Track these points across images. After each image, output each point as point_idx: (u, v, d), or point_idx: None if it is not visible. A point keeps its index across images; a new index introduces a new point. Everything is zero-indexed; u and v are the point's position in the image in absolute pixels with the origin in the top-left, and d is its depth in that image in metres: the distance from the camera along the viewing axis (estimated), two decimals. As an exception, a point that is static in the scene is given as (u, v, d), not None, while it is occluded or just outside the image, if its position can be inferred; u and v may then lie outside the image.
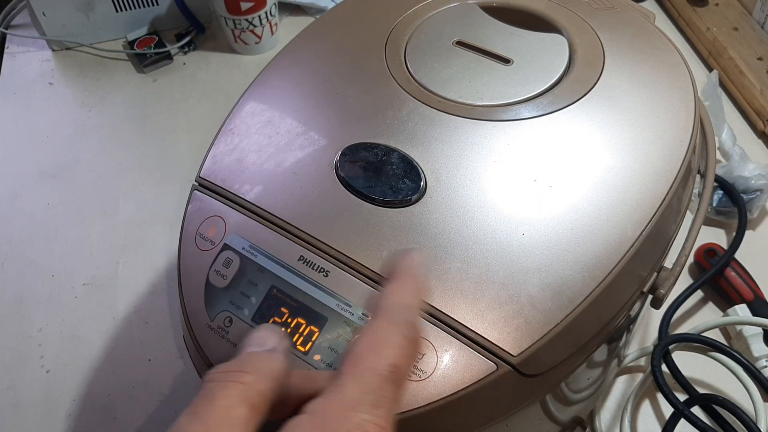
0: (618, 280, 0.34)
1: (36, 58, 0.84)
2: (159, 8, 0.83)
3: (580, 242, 0.34)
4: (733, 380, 0.50)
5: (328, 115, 0.41)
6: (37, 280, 0.61)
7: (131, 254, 0.63)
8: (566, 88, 0.41)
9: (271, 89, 0.44)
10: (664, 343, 0.47)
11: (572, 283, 0.33)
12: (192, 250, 0.38)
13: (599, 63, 0.43)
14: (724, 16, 0.81)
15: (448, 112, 0.40)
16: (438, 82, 0.42)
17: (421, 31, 0.46)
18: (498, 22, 0.46)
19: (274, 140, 0.40)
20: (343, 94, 0.42)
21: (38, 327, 0.58)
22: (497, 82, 0.42)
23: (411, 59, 0.44)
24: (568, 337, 0.33)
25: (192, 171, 0.41)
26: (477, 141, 0.39)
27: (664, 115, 0.39)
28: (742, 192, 0.61)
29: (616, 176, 0.37)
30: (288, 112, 0.42)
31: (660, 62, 0.43)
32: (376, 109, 0.41)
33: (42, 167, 0.71)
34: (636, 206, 0.35)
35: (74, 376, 0.54)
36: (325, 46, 0.46)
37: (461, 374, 0.31)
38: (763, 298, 0.56)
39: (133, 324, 0.57)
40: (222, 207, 0.39)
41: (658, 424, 0.50)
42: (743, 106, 0.74)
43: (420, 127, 0.39)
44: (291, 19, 0.87)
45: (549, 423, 0.42)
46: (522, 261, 0.34)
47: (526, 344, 0.32)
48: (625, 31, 0.45)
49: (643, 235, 0.34)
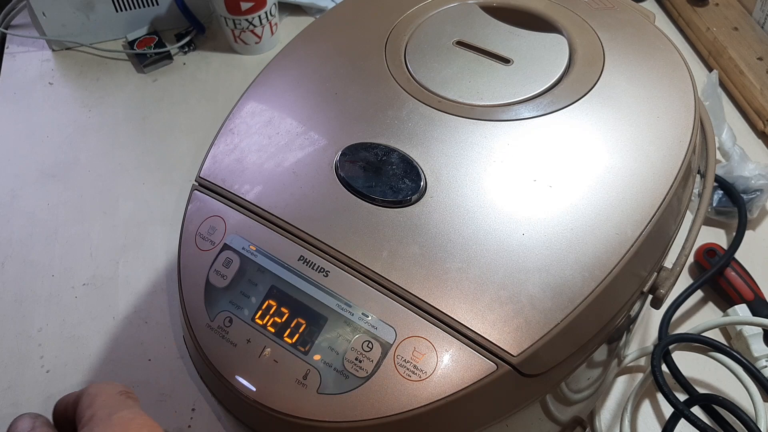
0: (618, 280, 0.34)
1: (36, 58, 0.84)
2: (159, 8, 0.83)
3: (580, 242, 0.34)
4: (733, 380, 0.50)
5: (328, 115, 0.41)
6: (37, 280, 0.61)
7: (131, 254, 0.63)
8: (566, 88, 0.41)
9: (271, 89, 0.44)
10: (664, 343, 0.47)
11: (572, 283, 0.33)
12: (192, 250, 0.38)
13: (599, 63, 0.43)
14: (724, 16, 0.81)
15: (448, 112, 0.40)
16: (438, 82, 0.42)
17: (421, 31, 0.46)
18: (498, 22, 0.46)
19: (274, 140, 0.40)
20: (343, 94, 0.42)
21: (38, 327, 0.58)
22: (497, 82, 0.42)
23: (411, 59, 0.44)
24: (568, 337, 0.33)
25: (192, 171, 0.41)
26: (477, 141, 0.39)
27: (664, 115, 0.39)
28: (742, 192, 0.61)
29: (616, 176, 0.37)
30: (288, 112, 0.42)
31: (660, 62, 0.43)
32: (376, 109, 0.41)
33: (42, 167, 0.71)
34: (636, 206, 0.35)
35: (74, 376, 0.54)
36: (325, 46, 0.46)
37: (461, 374, 0.31)
38: (763, 298, 0.56)
39: (133, 324, 0.57)
40: (222, 207, 0.39)
41: (658, 424, 0.50)
42: (743, 106, 0.74)
43: (420, 127, 0.39)
44: (291, 19, 0.87)
45: (549, 423, 0.42)
46: (522, 261, 0.34)
47: (526, 344, 0.32)
48: (625, 31, 0.45)
49: (643, 235, 0.34)
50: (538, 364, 0.32)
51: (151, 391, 0.53)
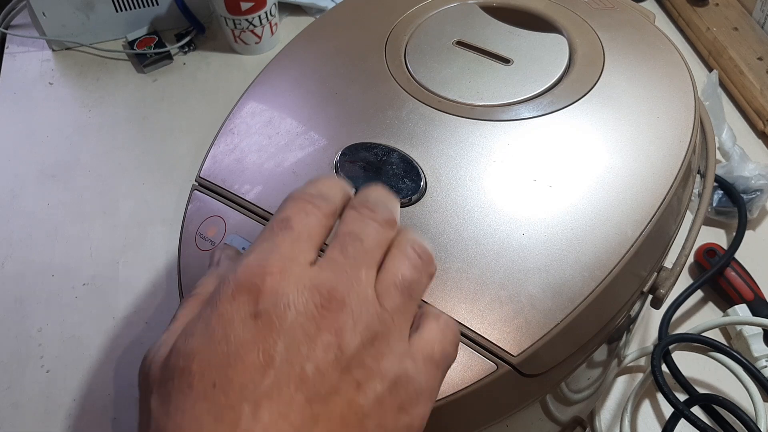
0: (618, 280, 0.34)
1: (36, 58, 0.84)
2: (159, 8, 0.83)
3: (580, 242, 0.34)
4: (733, 380, 0.50)
5: (328, 115, 0.41)
6: (37, 280, 0.61)
7: (131, 254, 0.63)
8: (566, 88, 0.41)
9: (271, 89, 0.44)
10: (664, 343, 0.47)
11: (572, 283, 0.33)
12: (192, 250, 0.38)
13: (599, 63, 0.43)
14: (724, 16, 0.81)
15: (448, 112, 0.40)
16: (438, 82, 0.42)
17: (421, 31, 0.46)
18: (498, 22, 0.46)
19: (275, 140, 0.40)
20: (343, 94, 0.42)
21: (38, 327, 0.58)
22: (497, 82, 0.42)
23: (411, 59, 0.44)
24: (569, 337, 0.33)
25: (192, 171, 0.41)
26: (477, 141, 0.39)
27: (664, 115, 0.39)
28: (742, 192, 0.61)
29: (616, 176, 0.37)
30: (288, 112, 0.42)
31: (660, 62, 0.43)
32: (376, 109, 0.41)
33: (42, 167, 0.71)
34: (636, 206, 0.35)
35: (74, 376, 0.54)
36: (324, 46, 0.46)
37: (461, 374, 0.31)
38: (763, 298, 0.56)
39: (133, 324, 0.57)
40: (222, 207, 0.39)
41: (658, 424, 0.50)
42: (743, 106, 0.74)
43: (420, 127, 0.39)
44: (291, 19, 0.87)
45: (549, 423, 0.42)
46: (522, 261, 0.34)
47: (526, 344, 0.32)
48: (625, 31, 0.45)
49: (643, 235, 0.34)
50: (538, 364, 0.32)
51: (151, 391, 0.53)
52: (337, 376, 0.24)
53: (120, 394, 0.53)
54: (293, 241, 0.26)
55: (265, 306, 0.24)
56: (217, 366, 0.23)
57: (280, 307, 0.24)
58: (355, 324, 0.24)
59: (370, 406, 0.24)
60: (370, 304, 0.25)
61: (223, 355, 0.23)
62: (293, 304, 0.24)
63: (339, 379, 0.24)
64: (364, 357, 0.24)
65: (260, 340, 0.23)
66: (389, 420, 0.24)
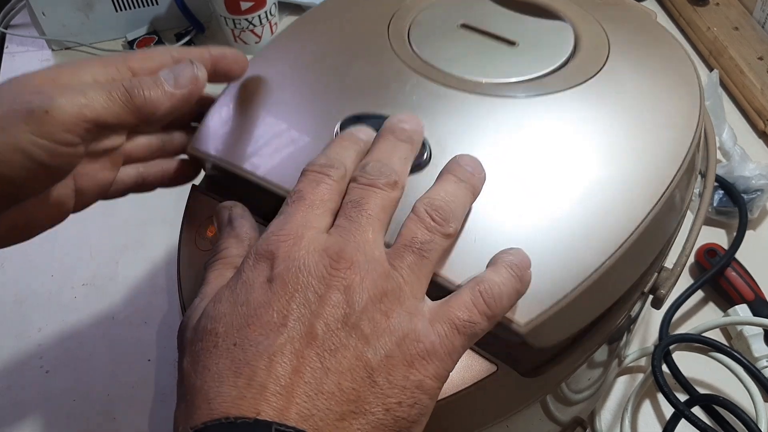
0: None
1: (36, 58, 0.84)
2: (159, 8, 0.83)
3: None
4: (733, 380, 0.50)
5: (329, 88, 0.40)
6: (36, 280, 0.61)
7: (131, 254, 0.63)
8: (572, 71, 0.41)
9: (270, 65, 0.42)
10: (665, 343, 0.47)
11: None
12: (192, 250, 0.38)
13: (604, 50, 0.42)
14: (724, 16, 0.81)
15: (453, 86, 0.39)
16: (442, 59, 0.41)
17: (425, 14, 0.45)
18: (503, 9, 0.46)
19: (272, 110, 0.39)
20: (345, 69, 0.41)
21: (38, 327, 0.58)
22: (502, 62, 0.41)
23: (415, 39, 0.43)
24: (575, 310, 0.32)
25: (192, 171, 0.41)
26: (483, 115, 0.38)
27: (668, 101, 0.39)
28: (743, 192, 0.61)
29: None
30: (287, 86, 0.40)
31: (665, 53, 0.42)
32: (379, 83, 0.40)
33: (42, 167, 0.70)
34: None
35: (74, 376, 0.54)
36: (327, 28, 0.45)
37: (461, 374, 0.31)
38: (763, 298, 0.56)
39: (133, 324, 0.57)
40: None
41: (658, 425, 0.50)
42: (744, 105, 0.74)
43: (425, 101, 0.38)
44: (291, 19, 0.87)
45: (549, 423, 0.42)
46: (522, 240, 0.32)
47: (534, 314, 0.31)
48: (630, 24, 0.45)
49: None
50: (544, 340, 0.32)
51: (151, 391, 0.53)
52: (346, 331, 0.25)
53: (120, 394, 0.53)
54: (306, 210, 0.28)
55: (279, 270, 0.26)
56: (238, 327, 0.26)
57: (292, 271, 0.26)
58: (363, 280, 0.26)
59: (378, 360, 0.25)
60: (377, 262, 0.27)
61: (243, 316, 0.26)
62: (304, 266, 0.26)
63: (347, 334, 0.25)
64: (372, 313, 0.26)
65: (275, 302, 0.26)
66: (398, 375, 0.26)
